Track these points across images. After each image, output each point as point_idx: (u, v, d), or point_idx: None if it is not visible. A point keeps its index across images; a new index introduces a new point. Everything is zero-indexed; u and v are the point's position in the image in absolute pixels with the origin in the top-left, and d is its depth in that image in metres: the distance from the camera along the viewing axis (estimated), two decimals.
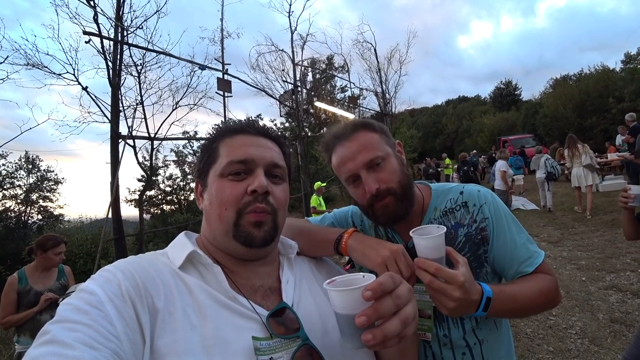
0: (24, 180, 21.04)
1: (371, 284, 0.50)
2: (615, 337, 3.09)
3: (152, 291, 0.61)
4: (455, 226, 0.99)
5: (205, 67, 6.28)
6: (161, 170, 20.66)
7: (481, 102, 45.69)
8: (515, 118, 30.36)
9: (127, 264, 0.64)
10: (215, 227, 0.72)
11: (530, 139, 19.91)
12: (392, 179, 0.93)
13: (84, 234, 13.19)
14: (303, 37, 10.29)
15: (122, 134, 4.74)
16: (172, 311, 0.60)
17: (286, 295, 0.74)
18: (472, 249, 0.97)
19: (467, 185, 1.04)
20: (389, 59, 13.32)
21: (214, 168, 0.74)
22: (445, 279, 0.73)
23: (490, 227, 0.97)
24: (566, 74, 31.32)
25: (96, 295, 0.55)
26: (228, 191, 0.71)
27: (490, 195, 1.01)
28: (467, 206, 1.00)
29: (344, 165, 0.95)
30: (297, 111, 9.61)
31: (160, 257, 0.71)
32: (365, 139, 0.95)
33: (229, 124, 0.81)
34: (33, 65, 4.59)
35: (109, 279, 0.59)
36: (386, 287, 0.51)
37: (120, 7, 4.75)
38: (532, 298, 0.89)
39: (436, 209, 1.02)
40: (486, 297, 0.79)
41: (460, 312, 0.76)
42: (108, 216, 4.65)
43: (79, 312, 0.52)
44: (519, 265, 0.95)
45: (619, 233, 6.05)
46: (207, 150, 0.78)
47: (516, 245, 0.96)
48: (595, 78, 21.64)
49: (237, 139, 0.76)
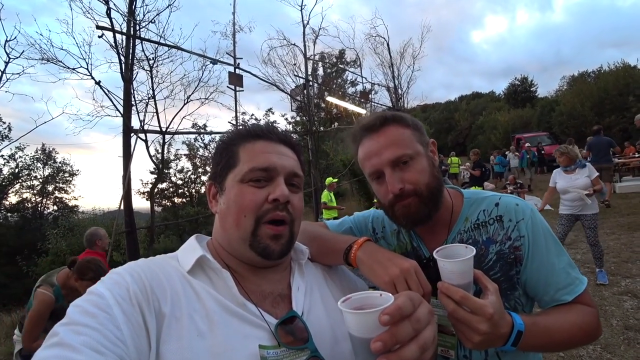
0: (40, 172, 21.59)
1: (389, 307, 0.47)
2: (629, 345, 3.01)
3: (159, 295, 0.60)
4: (486, 242, 0.90)
5: (217, 61, 6.28)
6: (173, 164, 20.95)
7: (495, 99, 44.77)
8: (530, 115, 29.71)
9: (137, 267, 0.64)
10: (232, 232, 0.71)
11: (545, 137, 19.50)
12: (419, 180, 0.86)
13: (97, 225, 13.47)
14: (315, 31, 10.23)
15: (134, 128, 4.79)
16: (178, 317, 0.59)
17: (296, 303, 0.73)
18: (503, 268, 0.88)
19: (503, 196, 0.95)
20: (402, 54, 13.16)
21: (233, 172, 0.73)
22: (472, 309, 0.65)
23: (526, 246, 0.87)
24: (584, 71, 30.50)
25: (104, 298, 0.55)
26: (249, 197, 0.70)
27: (529, 211, 0.90)
28: (502, 221, 0.90)
29: (368, 159, 0.90)
30: (309, 106, 9.57)
31: (171, 260, 0.71)
32: (395, 134, 0.88)
33: (248, 126, 0.79)
34: (48, 59, 4.66)
35: (118, 282, 0.59)
36: (405, 312, 0.48)
37: (133, 2, 4.78)
38: (570, 334, 0.80)
39: (467, 220, 0.93)
40: (517, 330, 0.70)
41: (485, 347, 0.70)
42: (120, 208, 4.72)
43: (87, 315, 0.52)
44: (555, 292, 0.86)
45: (636, 236, 5.89)
46: (225, 152, 0.76)
47: (554, 269, 0.86)
48: (615, 75, 20.97)
49: (258, 145, 0.74)
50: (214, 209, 0.76)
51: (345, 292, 0.85)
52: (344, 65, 19.32)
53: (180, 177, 21.34)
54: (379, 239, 1.07)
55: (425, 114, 43.57)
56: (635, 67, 22.26)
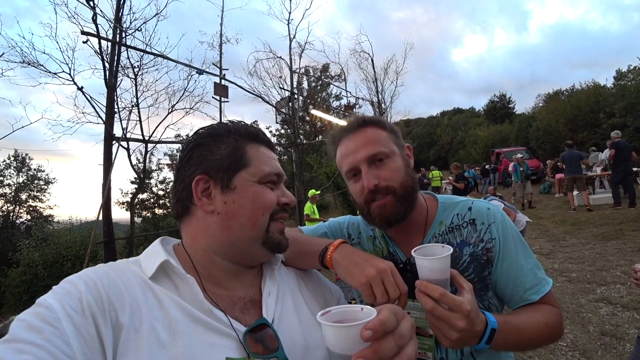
0: (14, 179, 20.74)
1: (372, 322, 0.44)
2: (605, 350, 3.09)
3: (116, 305, 0.56)
4: (460, 244, 0.93)
5: (203, 71, 6.28)
6: (154, 174, 20.53)
7: (475, 115, 46.12)
8: (509, 131, 30.69)
9: (93, 274, 0.59)
10: (244, 232, 0.70)
11: (523, 151, 20.15)
12: (394, 178, 0.88)
13: (73, 235, 13.01)
14: (301, 45, 10.38)
15: (116, 136, 4.70)
16: (137, 327, 0.55)
17: (267, 309, 0.69)
18: (476, 269, 0.91)
19: (476, 201, 0.99)
20: (386, 69, 13.47)
21: (247, 172, 0.71)
22: (450, 306, 0.66)
23: (497, 248, 0.91)
24: (558, 89, 31.87)
25: (53, 310, 0.51)
26: (269, 197, 0.72)
27: (500, 215, 0.95)
28: (474, 224, 0.94)
29: (345, 157, 0.92)
30: (293, 118, 9.63)
31: (132, 265, 0.66)
32: (372, 134, 0.91)
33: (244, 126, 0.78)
34: (29, 63, 4.55)
35: (70, 292, 0.55)
36: (389, 327, 0.45)
37: (120, 9, 4.76)
38: (538, 331, 0.82)
39: (442, 224, 0.96)
40: (490, 328, 0.72)
41: (462, 345, 0.70)
42: (98, 218, 4.58)
43: (32, 330, 0.48)
44: (524, 292, 0.89)
45: (609, 246, 6.11)
46: (228, 148, 0.72)
47: (522, 270, 0.90)
48: (586, 94, 22.01)
49: (262, 150, 0.76)
50: (204, 207, 0.69)
51: (319, 299, 0.84)
52: (328, 79, 19.59)
53: (162, 187, 20.92)
54: (355, 244, 1.07)
55: (409, 128, 44.48)
56: (605, 86, 23.48)
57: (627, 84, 22.00)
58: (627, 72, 25.29)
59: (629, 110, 17.99)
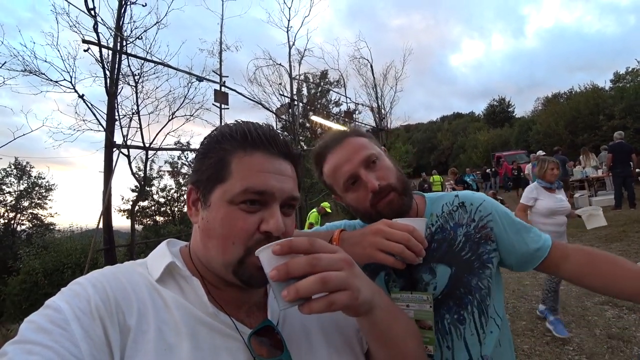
0: (14, 187, 20.78)
1: (282, 240, 0.52)
2: (613, 353, 3.05)
3: (124, 307, 0.56)
4: (454, 227, 0.97)
5: (203, 78, 6.33)
6: (155, 181, 20.53)
7: (475, 119, 46.29)
8: (509, 134, 30.80)
9: (101, 276, 0.59)
10: (214, 256, 0.63)
11: (523, 154, 20.17)
12: (390, 176, 0.93)
13: (74, 243, 12.98)
14: (301, 52, 10.46)
15: (116, 143, 4.71)
16: (145, 330, 0.55)
17: (271, 311, 0.69)
18: (472, 248, 0.95)
19: (460, 191, 1.06)
20: (385, 75, 13.56)
21: (222, 188, 0.62)
22: (419, 240, 0.77)
23: (497, 219, 0.97)
24: (557, 92, 32.08)
25: (61, 312, 0.51)
26: (239, 224, 0.60)
27: (485, 196, 1.03)
28: (464, 206, 1.00)
29: (340, 168, 0.93)
30: (293, 124, 9.66)
31: (139, 267, 0.65)
32: (357, 141, 0.96)
33: (244, 127, 0.65)
34: (30, 71, 4.60)
35: (78, 294, 0.54)
36: (296, 246, 0.51)
37: (121, 18, 4.81)
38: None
39: (432, 215, 1.01)
40: None
41: None
42: (99, 226, 4.57)
43: (41, 331, 0.48)
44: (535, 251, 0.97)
45: (613, 247, 6.07)
46: (214, 158, 0.64)
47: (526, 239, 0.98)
48: (585, 96, 22.13)
49: (255, 159, 0.63)
50: (193, 217, 0.67)
51: None
52: (327, 86, 19.70)
53: (163, 195, 20.91)
54: None
55: (409, 133, 44.53)
56: (604, 89, 23.57)
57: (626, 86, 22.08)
58: (625, 74, 25.39)
59: (629, 111, 18.07)
